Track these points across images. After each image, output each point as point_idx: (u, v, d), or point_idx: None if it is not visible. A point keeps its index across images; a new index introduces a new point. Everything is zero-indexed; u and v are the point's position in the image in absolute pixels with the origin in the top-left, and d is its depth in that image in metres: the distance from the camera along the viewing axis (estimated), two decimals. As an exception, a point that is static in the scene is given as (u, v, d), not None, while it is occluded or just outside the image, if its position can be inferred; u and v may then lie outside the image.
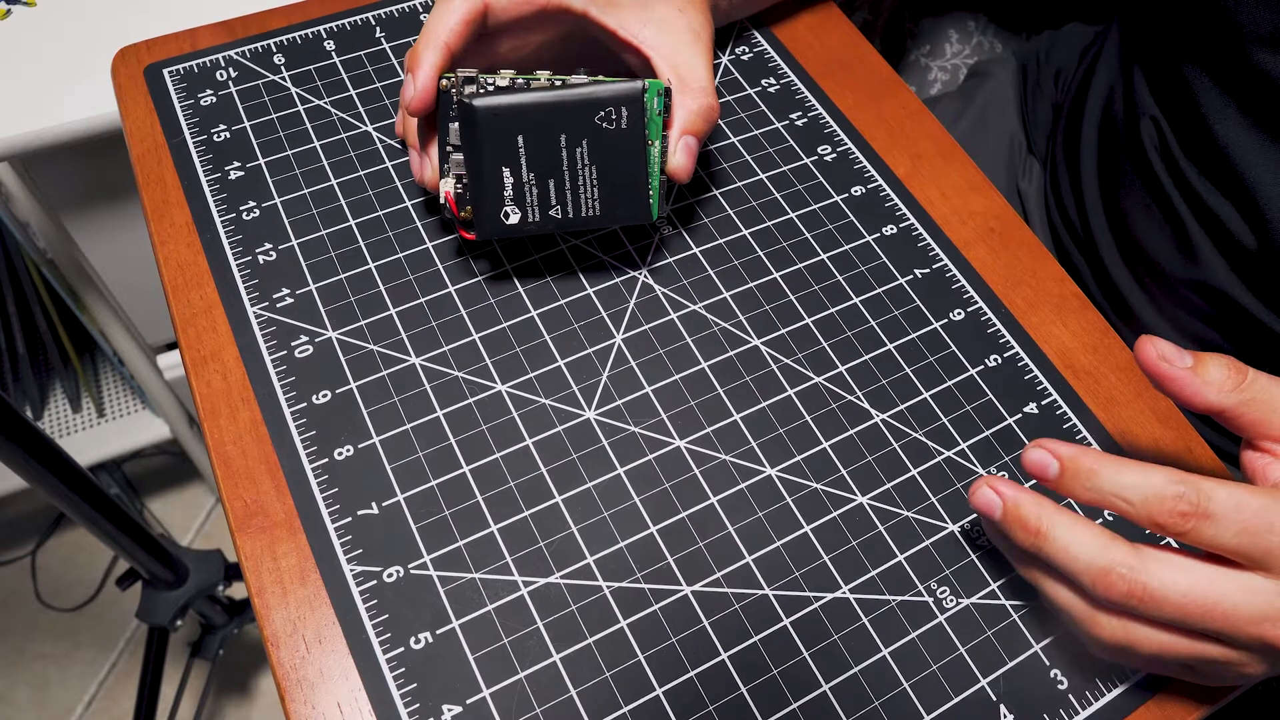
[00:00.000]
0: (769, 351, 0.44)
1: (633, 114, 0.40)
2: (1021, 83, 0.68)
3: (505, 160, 0.40)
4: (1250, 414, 0.32)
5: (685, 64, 0.42)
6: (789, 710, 0.35)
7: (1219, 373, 0.32)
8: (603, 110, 0.40)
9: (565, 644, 0.36)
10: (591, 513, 0.39)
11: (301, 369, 0.41)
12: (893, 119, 0.52)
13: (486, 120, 0.39)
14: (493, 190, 0.40)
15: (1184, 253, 0.51)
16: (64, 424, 1.13)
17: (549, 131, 0.40)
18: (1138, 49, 0.55)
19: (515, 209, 0.41)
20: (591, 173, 0.41)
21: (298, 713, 0.34)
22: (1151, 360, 0.33)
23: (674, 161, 0.42)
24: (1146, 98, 0.53)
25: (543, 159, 0.40)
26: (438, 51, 0.39)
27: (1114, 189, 0.55)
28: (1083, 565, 0.31)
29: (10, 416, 0.66)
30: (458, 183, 0.41)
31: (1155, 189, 0.52)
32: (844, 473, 0.41)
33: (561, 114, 0.39)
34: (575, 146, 0.40)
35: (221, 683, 1.16)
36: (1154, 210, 0.53)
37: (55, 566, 1.23)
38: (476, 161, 0.40)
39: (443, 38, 0.39)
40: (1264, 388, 0.32)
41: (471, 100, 0.39)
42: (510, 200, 0.41)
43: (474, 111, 0.39)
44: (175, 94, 0.50)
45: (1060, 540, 0.31)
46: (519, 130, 0.39)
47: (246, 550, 0.37)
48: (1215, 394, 0.32)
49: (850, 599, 0.38)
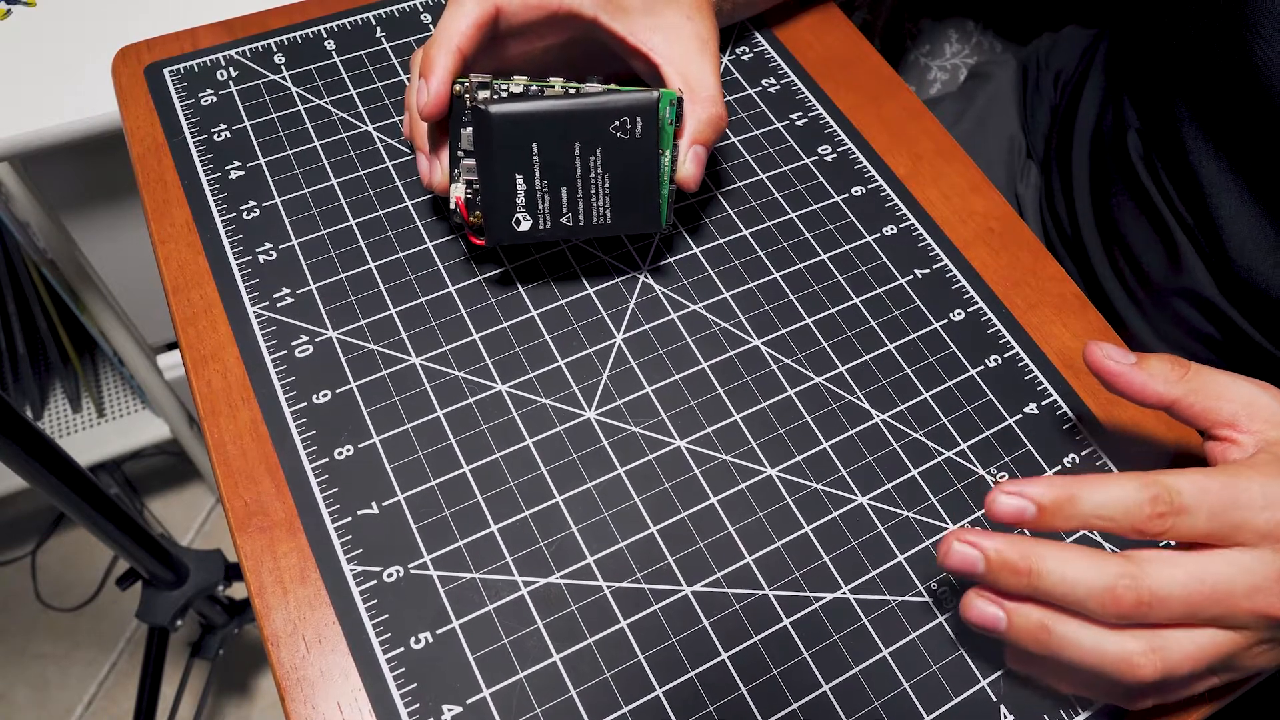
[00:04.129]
0: (769, 351, 0.44)
1: (647, 123, 0.40)
2: (1021, 84, 0.68)
3: (519, 167, 0.40)
4: (1198, 403, 0.34)
5: (694, 73, 0.42)
6: (789, 710, 0.35)
7: (1161, 366, 0.34)
8: (617, 119, 0.40)
9: (565, 644, 0.36)
10: (592, 513, 0.39)
11: (302, 368, 0.41)
12: (893, 119, 0.52)
13: (502, 127, 0.39)
14: (505, 197, 0.40)
15: (1171, 261, 0.51)
16: (64, 424, 1.13)
17: (563, 139, 0.40)
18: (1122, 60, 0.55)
19: (527, 216, 0.41)
20: (604, 181, 0.41)
21: (298, 713, 0.34)
22: (1098, 359, 0.35)
23: (684, 171, 0.42)
24: (1131, 111, 0.54)
25: (556, 167, 0.40)
26: (451, 55, 0.39)
27: (1104, 197, 0.56)
28: (1084, 590, 0.30)
29: (10, 416, 0.66)
30: (468, 188, 0.41)
31: (1143, 198, 0.52)
32: (844, 473, 0.41)
33: (576, 122, 0.39)
34: (589, 155, 0.40)
35: (221, 683, 1.16)
36: (1142, 219, 0.53)
37: (55, 566, 1.23)
38: (489, 168, 0.40)
39: (455, 41, 0.39)
40: (1207, 379, 0.34)
41: (487, 107, 0.39)
42: (522, 207, 0.40)
43: (490, 118, 0.39)
44: (175, 94, 0.50)
45: (1055, 573, 0.31)
46: (533, 138, 0.39)
47: (247, 550, 0.37)
48: (1162, 385, 0.34)
49: (850, 599, 0.38)
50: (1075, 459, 0.42)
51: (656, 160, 0.41)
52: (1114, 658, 0.31)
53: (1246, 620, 0.31)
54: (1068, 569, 0.30)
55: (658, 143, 0.40)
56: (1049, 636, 0.31)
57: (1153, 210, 0.52)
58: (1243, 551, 0.31)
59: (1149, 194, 0.52)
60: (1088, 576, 0.30)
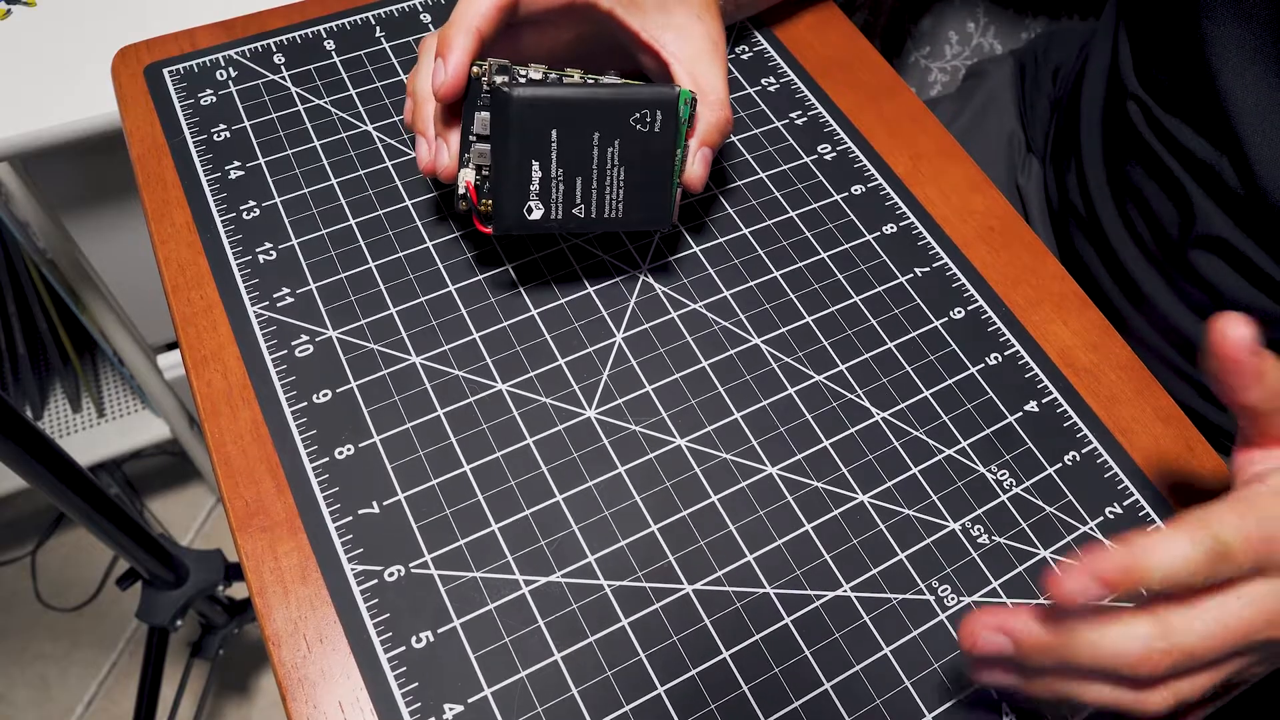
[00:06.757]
0: (769, 350, 0.44)
1: (667, 118, 0.40)
2: (1019, 81, 0.69)
3: (535, 153, 0.39)
4: None
5: (704, 75, 0.42)
6: (790, 709, 0.35)
7: (1277, 374, 0.32)
8: (638, 112, 0.39)
9: (566, 643, 0.36)
10: (592, 511, 0.39)
11: (302, 368, 0.41)
12: (893, 118, 0.52)
13: (523, 111, 0.38)
14: (518, 184, 0.39)
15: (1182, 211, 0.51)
16: (64, 424, 1.13)
17: (583, 128, 0.39)
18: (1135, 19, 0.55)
19: (539, 204, 0.40)
20: (619, 174, 0.40)
21: (299, 712, 0.34)
22: (1232, 341, 0.32)
23: (691, 171, 0.42)
24: (1131, 78, 0.54)
25: (574, 155, 0.39)
26: (470, 35, 0.38)
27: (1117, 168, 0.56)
28: (1120, 660, 0.30)
29: (10, 416, 0.66)
30: (478, 173, 0.41)
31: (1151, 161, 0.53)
32: (844, 471, 0.41)
33: (598, 112, 0.39)
34: (607, 146, 0.40)
35: (221, 683, 1.16)
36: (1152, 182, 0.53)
37: (55, 566, 1.23)
38: (504, 153, 0.39)
39: (475, 22, 0.38)
40: None
41: (510, 90, 0.38)
42: (535, 195, 0.40)
43: (511, 101, 0.38)
44: (175, 94, 0.50)
45: (1088, 645, 0.30)
46: (553, 124, 0.39)
47: (247, 550, 0.37)
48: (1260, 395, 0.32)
49: (851, 597, 0.38)
50: (1076, 456, 0.42)
51: (673, 156, 0.41)
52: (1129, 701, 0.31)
53: (1258, 647, 0.31)
54: (1102, 644, 0.30)
55: (676, 138, 0.40)
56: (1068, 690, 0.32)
57: (1162, 170, 0.52)
58: (1263, 582, 0.31)
59: (1156, 154, 0.52)
60: (1120, 644, 0.30)
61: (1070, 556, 0.39)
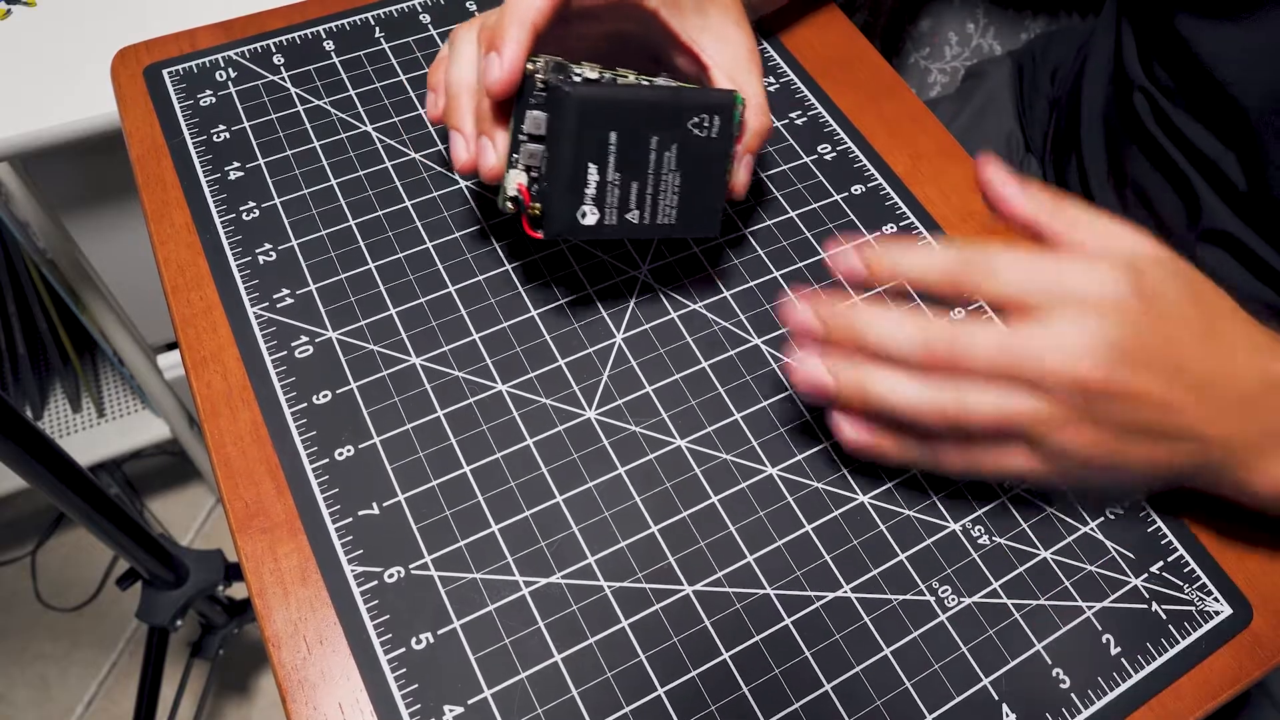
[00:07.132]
0: (770, 351, 0.44)
1: (724, 123, 0.39)
2: (1017, 82, 0.69)
3: (593, 156, 0.37)
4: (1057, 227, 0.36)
5: (743, 81, 0.42)
6: (791, 710, 0.35)
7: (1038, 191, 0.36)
8: (696, 116, 0.38)
9: (566, 644, 0.36)
10: (592, 512, 0.39)
11: (302, 369, 0.41)
12: (893, 118, 0.52)
13: (583, 112, 0.36)
14: (572, 187, 0.37)
15: (1188, 205, 0.51)
16: (64, 424, 1.13)
17: (643, 131, 0.38)
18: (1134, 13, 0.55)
19: (594, 209, 0.38)
20: (675, 179, 0.39)
21: (299, 713, 0.34)
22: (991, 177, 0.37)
23: (737, 177, 0.42)
24: (1136, 70, 0.54)
25: (631, 159, 0.38)
26: (525, 29, 0.36)
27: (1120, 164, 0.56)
28: (904, 334, 0.34)
29: (10, 416, 0.66)
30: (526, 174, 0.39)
31: (1157, 154, 0.53)
32: (845, 472, 0.41)
33: (658, 114, 0.38)
34: (665, 150, 0.38)
35: (221, 683, 1.16)
36: (1157, 175, 0.54)
37: (55, 566, 1.23)
38: (559, 155, 0.37)
39: (530, 15, 0.36)
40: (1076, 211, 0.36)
41: (572, 90, 0.36)
42: (590, 199, 0.38)
43: (570, 100, 0.36)
44: (175, 94, 0.49)
45: (877, 317, 0.35)
46: (613, 126, 0.37)
47: (247, 551, 0.37)
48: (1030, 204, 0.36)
49: (852, 598, 0.38)
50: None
51: (726, 161, 0.40)
52: (928, 404, 0.34)
53: (1056, 387, 0.32)
54: (888, 315, 0.35)
55: (730, 143, 0.39)
56: (870, 386, 0.35)
57: (1168, 163, 0.52)
58: (1060, 318, 0.33)
59: (1163, 148, 0.52)
60: (907, 322, 0.34)
61: (1070, 557, 0.39)
